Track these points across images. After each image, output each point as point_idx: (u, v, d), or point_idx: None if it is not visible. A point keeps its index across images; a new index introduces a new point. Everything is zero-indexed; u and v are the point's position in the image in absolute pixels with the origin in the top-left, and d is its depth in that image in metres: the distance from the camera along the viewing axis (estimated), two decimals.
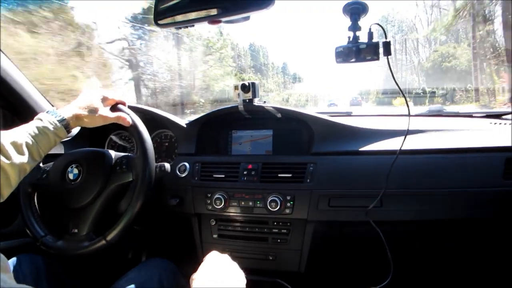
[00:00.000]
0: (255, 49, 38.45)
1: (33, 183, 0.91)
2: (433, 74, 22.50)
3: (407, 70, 30.20)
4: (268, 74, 38.11)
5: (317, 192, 0.90)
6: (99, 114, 0.79)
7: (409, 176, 0.88)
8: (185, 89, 11.73)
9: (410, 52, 31.18)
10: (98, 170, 0.86)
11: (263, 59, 38.72)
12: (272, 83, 31.20)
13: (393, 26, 33.63)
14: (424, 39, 29.27)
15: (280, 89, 36.98)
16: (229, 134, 1.15)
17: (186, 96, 11.68)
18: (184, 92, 11.69)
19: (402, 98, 0.90)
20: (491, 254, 1.05)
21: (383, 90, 20.76)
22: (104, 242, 0.80)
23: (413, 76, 29.21)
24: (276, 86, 34.79)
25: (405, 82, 26.92)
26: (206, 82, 14.10)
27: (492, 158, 0.86)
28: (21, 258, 0.80)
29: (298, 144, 1.09)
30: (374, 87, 29.01)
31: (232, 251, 0.98)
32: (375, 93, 19.41)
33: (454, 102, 15.57)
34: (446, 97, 15.23)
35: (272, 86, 34.27)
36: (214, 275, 0.59)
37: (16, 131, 0.68)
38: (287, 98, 27.91)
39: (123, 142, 1.28)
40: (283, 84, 40.81)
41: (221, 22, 0.70)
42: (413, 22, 31.71)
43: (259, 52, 38.75)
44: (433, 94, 14.77)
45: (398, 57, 31.44)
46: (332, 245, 1.03)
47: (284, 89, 38.68)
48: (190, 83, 12.74)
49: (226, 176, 0.99)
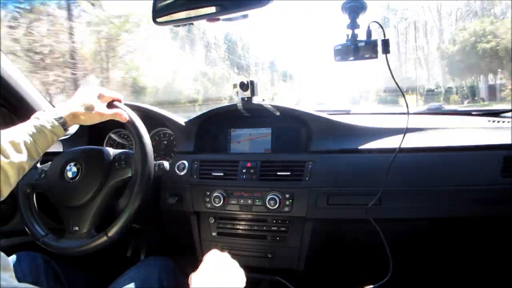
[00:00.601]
0: (232, 40, 34.55)
1: (32, 184, 0.91)
2: (462, 60, 17.02)
3: (416, 62, 26.45)
4: (250, 69, 35.01)
5: (316, 190, 0.90)
6: (95, 111, 0.78)
7: (408, 174, 0.88)
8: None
9: (420, 40, 27.07)
10: (97, 167, 0.86)
11: (242, 51, 35.05)
12: (255, 80, 30.09)
13: (395, 15, 29.59)
14: (437, 20, 25.44)
15: (266, 87, 33.84)
16: (228, 132, 1.15)
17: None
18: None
19: (411, 96, 0.90)
20: (490, 252, 1.06)
21: (385, 88, 18.43)
22: (105, 238, 0.80)
23: (422, 69, 25.44)
24: (261, 83, 33.96)
25: (415, 78, 24.17)
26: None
27: (490, 156, 0.86)
28: (20, 257, 0.81)
29: (297, 142, 1.09)
30: (377, 86, 26.17)
31: (231, 249, 0.98)
32: (376, 92, 17.25)
33: (501, 98, 11.02)
34: (478, 91, 11.32)
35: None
36: (214, 273, 0.59)
37: (14, 130, 0.68)
38: (272, 98, 26.44)
39: (122, 140, 1.28)
40: (270, 82, 37.31)
41: (219, 20, 0.70)
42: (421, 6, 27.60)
43: (237, 44, 34.93)
44: (459, 90, 11.55)
45: (402, 51, 27.60)
46: (331, 243, 1.03)
47: (271, 86, 35.80)
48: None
49: (225, 174, 0.99)
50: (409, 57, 27.62)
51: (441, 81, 15.89)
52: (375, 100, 19.32)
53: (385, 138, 0.95)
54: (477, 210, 0.87)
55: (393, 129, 0.96)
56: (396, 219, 0.90)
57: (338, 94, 30.13)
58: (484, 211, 0.87)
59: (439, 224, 0.93)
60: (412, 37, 27.98)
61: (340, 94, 28.76)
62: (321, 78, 39.25)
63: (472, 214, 0.87)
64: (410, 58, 27.55)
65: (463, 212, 0.87)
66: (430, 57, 25.79)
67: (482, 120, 1.12)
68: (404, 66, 27.42)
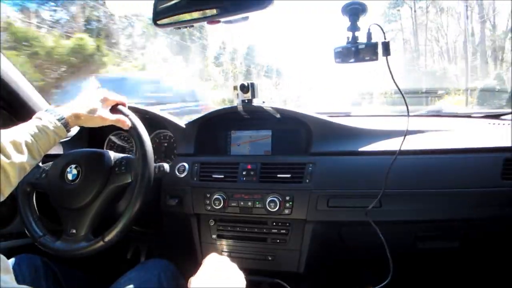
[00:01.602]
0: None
1: (32, 182, 0.91)
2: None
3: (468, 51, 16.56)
4: (219, 58, 25.43)
5: (316, 192, 0.90)
6: (98, 114, 0.78)
7: (408, 177, 0.88)
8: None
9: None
10: (97, 171, 0.86)
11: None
12: (219, 72, 20.38)
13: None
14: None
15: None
16: (228, 135, 1.15)
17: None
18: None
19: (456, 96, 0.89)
20: (490, 255, 1.06)
21: (405, 90, 15.14)
22: (102, 243, 0.80)
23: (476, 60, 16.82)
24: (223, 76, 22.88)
25: (466, 73, 15.12)
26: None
27: (490, 158, 0.86)
28: (20, 259, 0.80)
29: (297, 144, 1.09)
30: (391, 87, 21.48)
31: (231, 252, 0.98)
32: (384, 93, 14.32)
33: None
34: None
35: (219, 76, 22.58)
36: (214, 275, 0.59)
37: (15, 130, 0.68)
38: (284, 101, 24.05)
39: (122, 143, 1.28)
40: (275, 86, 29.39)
41: (220, 22, 0.70)
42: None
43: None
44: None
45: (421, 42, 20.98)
46: (331, 245, 1.03)
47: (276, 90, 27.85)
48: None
49: (225, 177, 0.98)
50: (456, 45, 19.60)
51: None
52: (383, 102, 17.15)
53: (385, 140, 0.95)
54: (477, 213, 0.86)
55: (394, 131, 0.96)
56: (396, 222, 0.90)
57: (339, 95, 28.39)
58: (485, 213, 0.86)
59: (440, 226, 0.93)
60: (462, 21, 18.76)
61: (341, 96, 26.94)
62: (321, 79, 37.62)
63: (472, 217, 0.87)
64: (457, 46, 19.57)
65: (463, 214, 0.87)
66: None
67: (482, 123, 1.12)
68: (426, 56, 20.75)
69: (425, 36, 21.69)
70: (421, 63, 21.99)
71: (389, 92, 7.44)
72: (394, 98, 6.15)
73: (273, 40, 51.05)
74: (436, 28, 21.63)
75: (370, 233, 0.85)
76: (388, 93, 7.95)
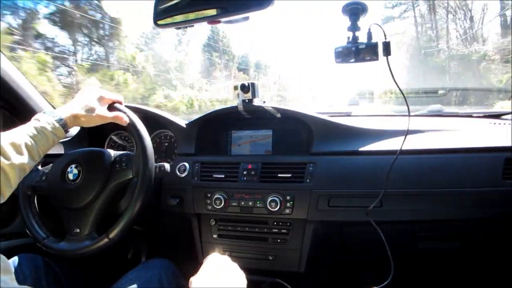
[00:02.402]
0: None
1: (33, 186, 0.91)
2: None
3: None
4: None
5: (317, 192, 0.90)
6: (96, 113, 0.79)
7: (409, 176, 0.88)
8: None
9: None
10: (98, 169, 0.86)
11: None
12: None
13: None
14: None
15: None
16: (229, 134, 1.16)
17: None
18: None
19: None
20: (491, 254, 1.06)
21: (418, 89, 13.58)
22: (107, 240, 0.80)
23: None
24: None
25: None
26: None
27: (491, 158, 0.86)
28: (21, 259, 0.81)
29: (298, 144, 1.09)
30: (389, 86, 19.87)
31: (232, 251, 0.98)
32: (389, 93, 12.70)
33: None
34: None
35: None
36: (215, 275, 0.59)
37: (14, 131, 0.69)
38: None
39: (123, 142, 1.28)
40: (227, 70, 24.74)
41: (220, 22, 0.70)
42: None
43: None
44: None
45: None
46: (332, 245, 1.03)
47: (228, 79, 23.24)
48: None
49: (226, 176, 0.99)
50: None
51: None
52: (387, 102, 15.65)
53: (386, 140, 0.95)
54: (479, 212, 0.86)
55: (394, 131, 0.96)
56: (397, 221, 0.90)
57: (339, 95, 27.58)
58: (486, 213, 0.86)
59: (440, 226, 0.93)
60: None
61: (340, 96, 26.05)
62: (320, 79, 36.96)
63: (473, 216, 0.87)
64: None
65: (464, 214, 0.87)
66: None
67: (483, 122, 1.12)
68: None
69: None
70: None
71: (389, 92, 7.32)
72: (399, 96, 5.79)
73: (273, 40, 50.70)
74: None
75: (371, 233, 0.85)
76: (388, 93, 7.81)
